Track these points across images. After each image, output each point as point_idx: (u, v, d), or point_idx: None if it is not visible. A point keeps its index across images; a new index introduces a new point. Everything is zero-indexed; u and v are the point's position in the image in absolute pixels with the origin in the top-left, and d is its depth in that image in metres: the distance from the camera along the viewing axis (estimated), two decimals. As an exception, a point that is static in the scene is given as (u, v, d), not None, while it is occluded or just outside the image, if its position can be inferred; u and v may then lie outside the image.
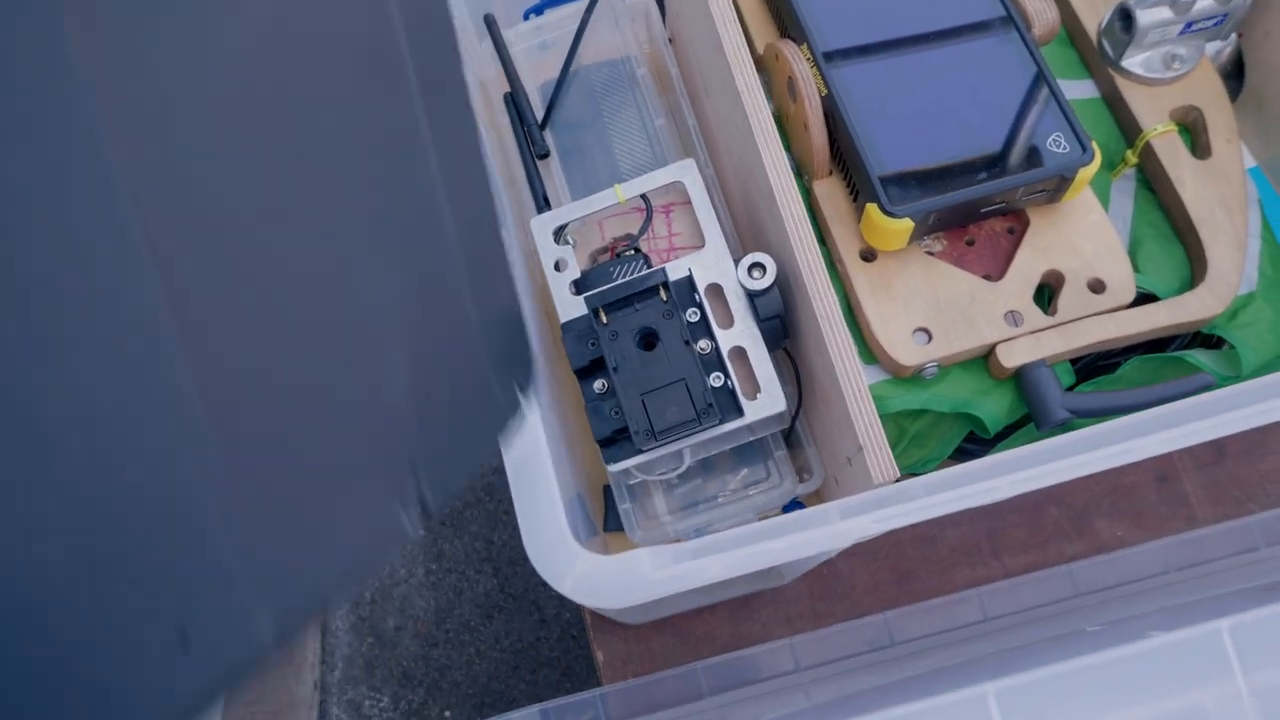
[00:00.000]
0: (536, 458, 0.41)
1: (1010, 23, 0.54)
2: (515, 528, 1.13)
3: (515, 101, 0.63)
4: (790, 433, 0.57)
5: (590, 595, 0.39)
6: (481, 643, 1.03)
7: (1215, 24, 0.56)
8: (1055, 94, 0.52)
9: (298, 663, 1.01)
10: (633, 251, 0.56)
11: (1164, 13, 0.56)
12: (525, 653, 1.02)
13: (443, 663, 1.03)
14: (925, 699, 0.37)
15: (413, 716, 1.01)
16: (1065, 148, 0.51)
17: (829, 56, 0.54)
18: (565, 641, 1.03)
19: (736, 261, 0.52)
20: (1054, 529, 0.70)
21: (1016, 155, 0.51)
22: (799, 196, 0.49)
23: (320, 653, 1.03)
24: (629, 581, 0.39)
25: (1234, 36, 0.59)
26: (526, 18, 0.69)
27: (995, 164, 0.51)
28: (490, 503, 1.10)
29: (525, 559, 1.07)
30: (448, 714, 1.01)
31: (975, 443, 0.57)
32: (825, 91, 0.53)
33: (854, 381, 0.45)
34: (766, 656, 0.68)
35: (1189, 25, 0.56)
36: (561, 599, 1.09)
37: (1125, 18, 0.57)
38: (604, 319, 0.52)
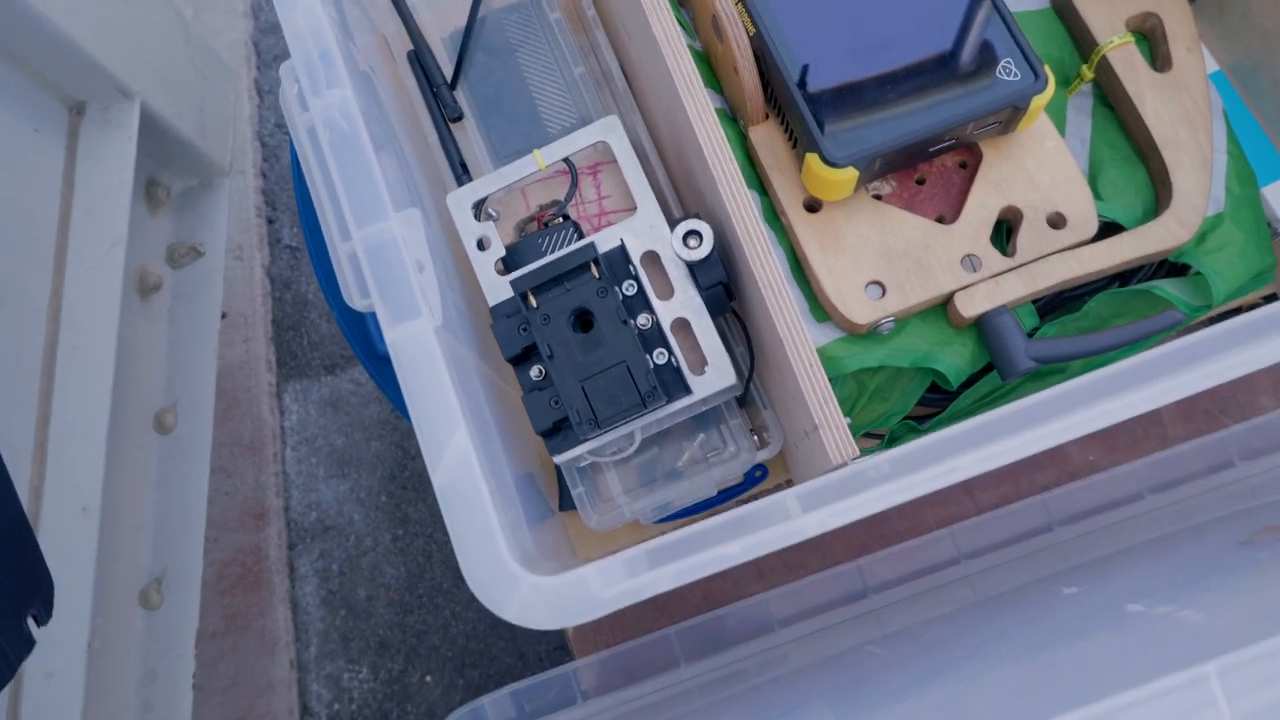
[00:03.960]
0: (468, 479, 0.38)
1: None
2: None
3: (420, 62, 0.58)
4: (746, 395, 0.54)
5: (538, 620, 0.37)
6: (456, 604, 1.01)
7: (1169, -80, 0.52)
8: (1004, 16, 0.48)
9: (270, 643, 0.99)
10: (561, 220, 0.52)
11: (1114, -88, 0.51)
12: (501, 611, 1.00)
13: (419, 628, 1.01)
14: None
15: (394, 684, 1.00)
16: (1017, 75, 0.47)
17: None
18: (540, 597, 1.01)
19: (673, 225, 0.49)
20: (1024, 459, 0.68)
21: (965, 87, 0.47)
22: (732, 156, 0.45)
23: (293, 631, 1.01)
24: (577, 603, 0.37)
25: (1189, -70, 0.55)
26: (427, -37, 0.63)
27: (943, 99, 0.47)
28: (452, 461, 1.07)
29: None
30: (429, 678, 1.00)
31: (939, 391, 0.54)
32: (754, 30, 0.49)
33: (805, 357, 0.42)
34: (740, 614, 0.67)
35: (1141, -76, 0.52)
36: (534, 551, 1.07)
37: (1072, -80, 0.52)
38: (534, 302, 0.48)
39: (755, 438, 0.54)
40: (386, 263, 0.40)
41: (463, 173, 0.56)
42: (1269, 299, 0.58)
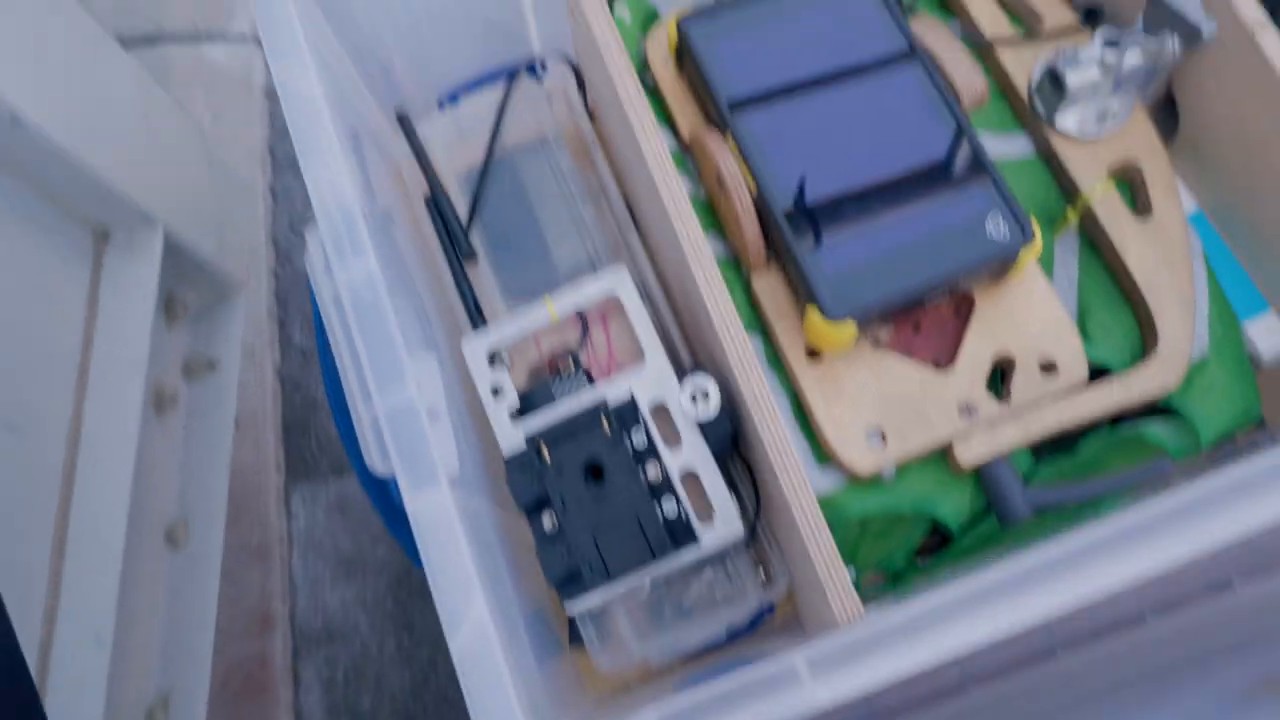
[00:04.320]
0: (485, 651, 0.39)
1: (944, 103, 0.52)
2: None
3: (437, 204, 0.60)
4: (753, 533, 0.56)
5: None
6: (460, 714, 1.00)
7: (1146, 77, 0.55)
8: (990, 173, 0.51)
9: (274, 754, 0.99)
10: (572, 366, 0.54)
11: (1093, 73, 0.54)
12: (506, 718, 1.00)
13: (423, 737, 1.01)
14: None
15: (397, 797, 0.99)
16: (1005, 231, 0.50)
17: (757, 151, 0.52)
18: (546, 703, 1.01)
19: (680, 374, 0.50)
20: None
21: (957, 243, 0.50)
22: (737, 318, 0.47)
23: (296, 740, 1.01)
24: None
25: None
26: (441, 107, 0.66)
27: (935, 254, 0.50)
28: (457, 563, 1.08)
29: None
30: (433, 790, 0.99)
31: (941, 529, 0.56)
32: (755, 187, 0.51)
33: (810, 518, 0.43)
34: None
35: (1119, 81, 0.55)
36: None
37: (1055, 79, 0.55)
38: (546, 453, 0.49)
39: (762, 572, 0.56)
40: (407, 430, 0.42)
41: (476, 312, 0.58)
42: (1259, 425, 0.60)
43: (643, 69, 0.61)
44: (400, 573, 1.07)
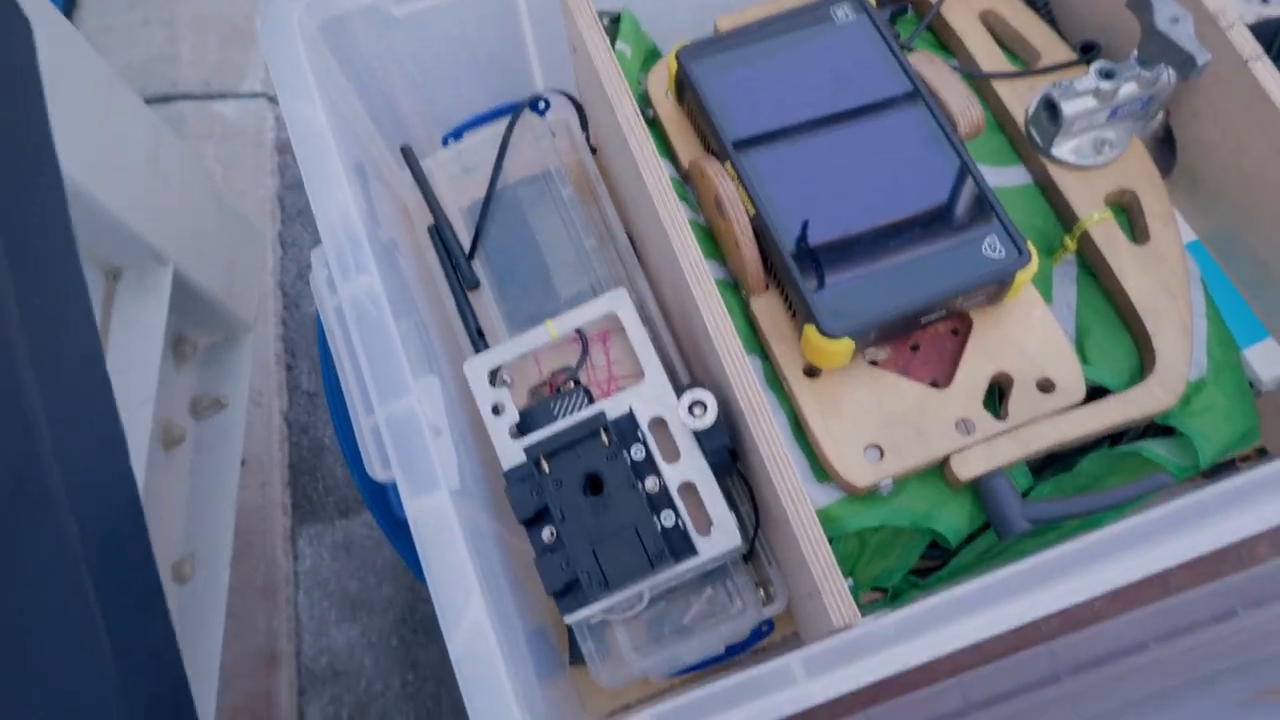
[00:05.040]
0: (483, 652, 0.39)
1: (939, 128, 0.53)
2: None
3: (440, 234, 0.62)
4: (751, 551, 0.56)
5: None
6: (464, 756, 0.99)
7: (1141, 107, 0.56)
8: (986, 195, 0.52)
9: (275, 798, 0.97)
10: (572, 385, 0.54)
11: (1089, 102, 0.55)
12: (510, 762, 0.99)
13: (426, 780, 1.00)
14: None
15: (400, 840, 0.98)
16: (1001, 251, 0.50)
17: (755, 177, 0.53)
18: (550, 747, 0.99)
19: (679, 391, 0.51)
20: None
21: (953, 263, 0.50)
22: (735, 334, 0.47)
23: (298, 784, 1.00)
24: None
25: (1162, 113, 0.59)
26: (445, 143, 0.68)
27: (932, 274, 0.50)
28: (462, 605, 1.07)
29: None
30: (435, 834, 0.98)
31: (940, 546, 0.56)
32: (753, 211, 0.52)
33: (807, 525, 0.44)
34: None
35: (1115, 111, 0.56)
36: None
37: (1050, 108, 0.56)
38: (546, 466, 0.50)
39: (761, 592, 0.56)
40: (407, 437, 0.43)
41: (479, 338, 0.59)
42: (1261, 452, 0.60)
43: (644, 103, 0.62)
44: (405, 611, 1.07)
